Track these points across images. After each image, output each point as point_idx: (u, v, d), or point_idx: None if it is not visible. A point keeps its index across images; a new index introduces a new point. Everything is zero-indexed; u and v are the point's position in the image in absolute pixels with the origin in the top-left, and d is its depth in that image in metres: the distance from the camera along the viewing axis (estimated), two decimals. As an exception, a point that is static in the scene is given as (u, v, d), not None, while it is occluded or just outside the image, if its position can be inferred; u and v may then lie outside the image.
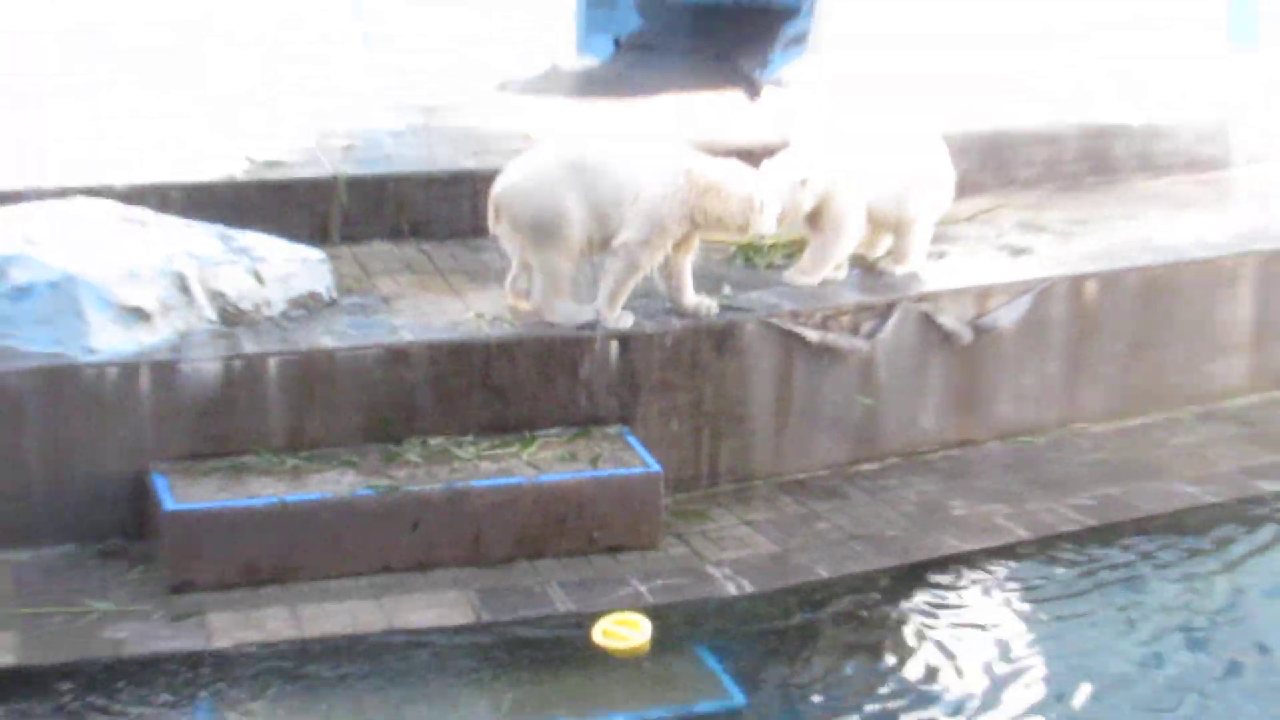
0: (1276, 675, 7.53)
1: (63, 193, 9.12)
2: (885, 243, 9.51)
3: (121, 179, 9.52)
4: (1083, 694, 7.34)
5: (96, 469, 7.98)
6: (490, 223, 8.52)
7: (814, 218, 9.08)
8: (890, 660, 7.68)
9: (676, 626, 7.65)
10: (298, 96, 11.43)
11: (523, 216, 8.37)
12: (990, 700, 7.29)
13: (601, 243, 8.47)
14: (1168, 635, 7.84)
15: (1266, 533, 8.80)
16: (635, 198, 8.35)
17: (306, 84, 11.67)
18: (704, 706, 7.25)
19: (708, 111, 11.58)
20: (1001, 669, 7.52)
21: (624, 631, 7.55)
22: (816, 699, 7.41)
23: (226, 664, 7.23)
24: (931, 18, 12.04)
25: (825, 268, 9.22)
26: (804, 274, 9.20)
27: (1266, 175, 11.85)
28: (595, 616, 7.64)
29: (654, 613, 7.68)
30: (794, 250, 9.57)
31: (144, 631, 7.36)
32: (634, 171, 8.42)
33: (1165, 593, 8.26)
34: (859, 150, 9.14)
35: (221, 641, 7.31)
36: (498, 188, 8.48)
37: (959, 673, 7.52)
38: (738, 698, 7.27)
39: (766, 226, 8.44)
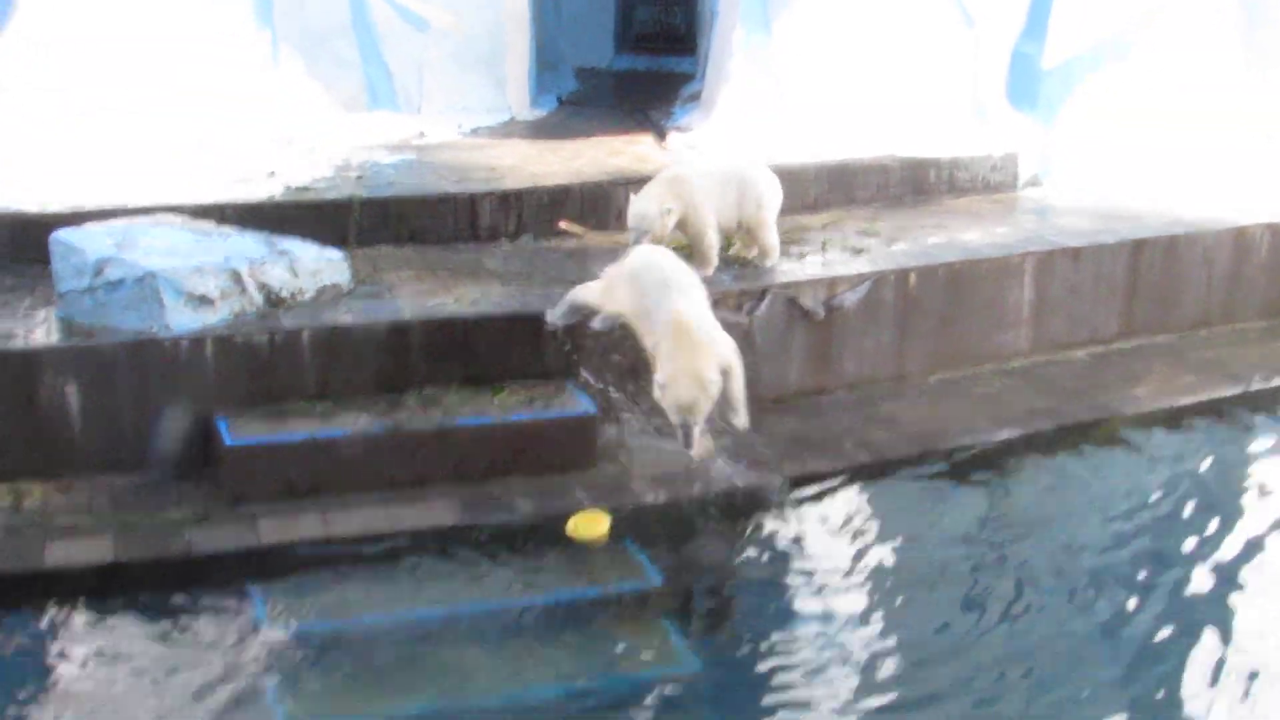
0: (1060, 554, 7.70)
1: (145, 210, 9.03)
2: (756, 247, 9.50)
3: (190, 199, 9.42)
4: (906, 556, 7.58)
5: (173, 415, 7.89)
6: None
7: (686, 232, 9.08)
8: (767, 546, 7.75)
9: (611, 524, 7.60)
10: (321, 140, 11.35)
11: None
12: (836, 565, 7.50)
13: None
14: (977, 527, 8.04)
15: (1046, 460, 8.85)
16: None
17: (327, 131, 11.59)
18: (629, 585, 7.26)
19: (627, 150, 11.55)
20: (846, 547, 7.68)
21: (590, 525, 7.55)
22: (713, 577, 7.52)
23: (272, 557, 7.22)
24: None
25: (709, 265, 9.15)
26: (699, 270, 9.16)
27: (1040, 195, 11.90)
28: (551, 519, 7.63)
29: (593, 517, 7.68)
30: (693, 251, 9.60)
31: (210, 535, 7.33)
32: None
33: (974, 499, 8.39)
34: (705, 180, 9.10)
35: (268, 540, 7.32)
36: None
37: (819, 554, 7.63)
38: (655, 579, 7.30)
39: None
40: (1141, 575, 7.49)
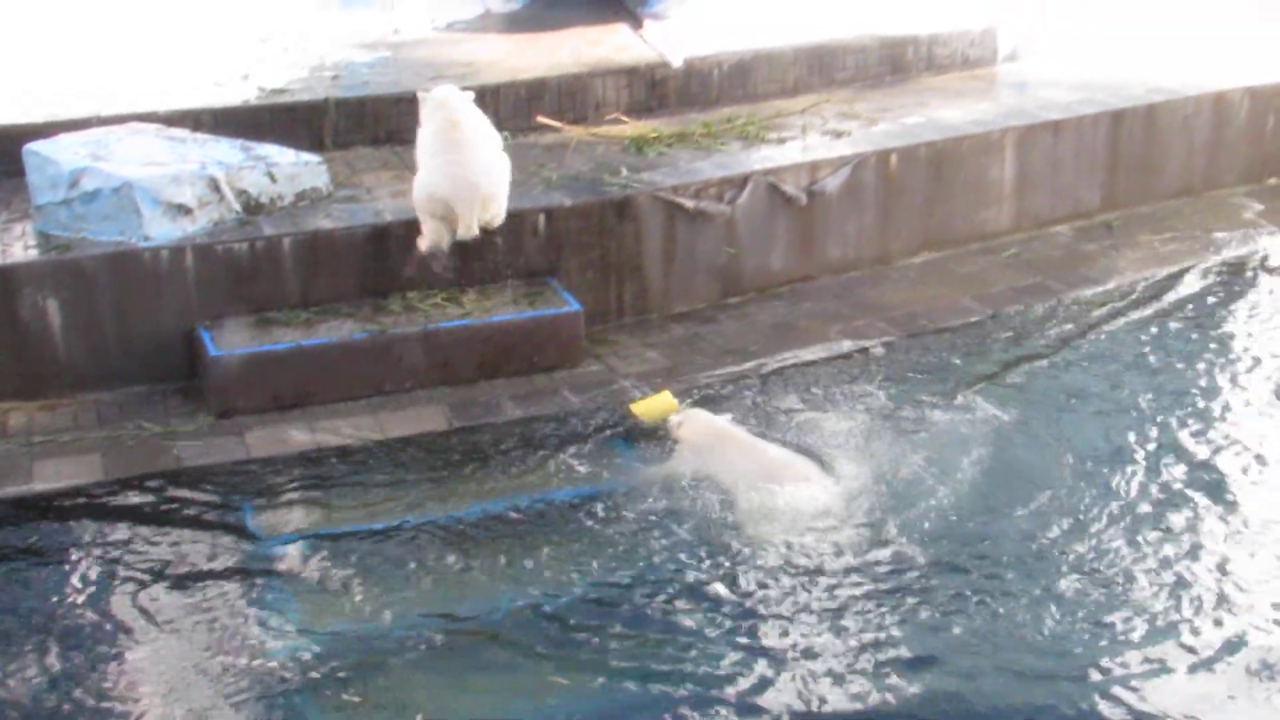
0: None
1: (119, 119, 8.80)
2: None
3: (163, 106, 9.17)
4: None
5: (155, 328, 7.78)
6: None
7: None
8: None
9: (596, 423, 7.51)
10: (295, 40, 11.08)
11: None
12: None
13: None
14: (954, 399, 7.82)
15: (1033, 337, 8.67)
16: None
17: (300, 30, 11.32)
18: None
19: (605, 40, 11.27)
20: (822, 421, 7.56)
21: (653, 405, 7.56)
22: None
23: (262, 468, 7.11)
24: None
25: None
26: None
27: (1019, 70, 11.67)
28: (534, 420, 7.54)
29: (579, 415, 7.59)
30: (673, 141, 9.42)
31: (198, 448, 7.23)
32: None
33: (957, 375, 8.16)
34: None
35: (257, 452, 7.22)
36: None
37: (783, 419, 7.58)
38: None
39: None
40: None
